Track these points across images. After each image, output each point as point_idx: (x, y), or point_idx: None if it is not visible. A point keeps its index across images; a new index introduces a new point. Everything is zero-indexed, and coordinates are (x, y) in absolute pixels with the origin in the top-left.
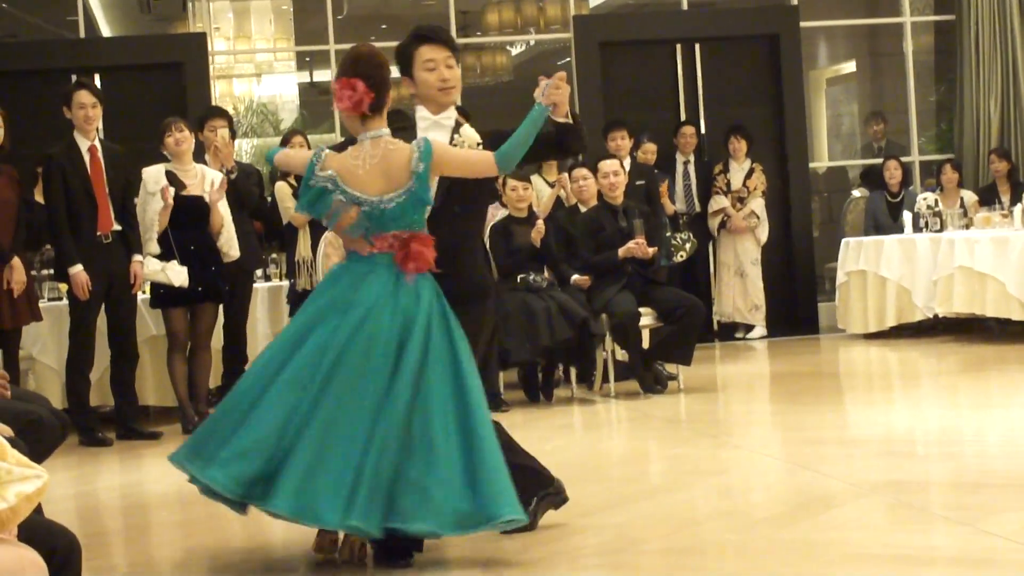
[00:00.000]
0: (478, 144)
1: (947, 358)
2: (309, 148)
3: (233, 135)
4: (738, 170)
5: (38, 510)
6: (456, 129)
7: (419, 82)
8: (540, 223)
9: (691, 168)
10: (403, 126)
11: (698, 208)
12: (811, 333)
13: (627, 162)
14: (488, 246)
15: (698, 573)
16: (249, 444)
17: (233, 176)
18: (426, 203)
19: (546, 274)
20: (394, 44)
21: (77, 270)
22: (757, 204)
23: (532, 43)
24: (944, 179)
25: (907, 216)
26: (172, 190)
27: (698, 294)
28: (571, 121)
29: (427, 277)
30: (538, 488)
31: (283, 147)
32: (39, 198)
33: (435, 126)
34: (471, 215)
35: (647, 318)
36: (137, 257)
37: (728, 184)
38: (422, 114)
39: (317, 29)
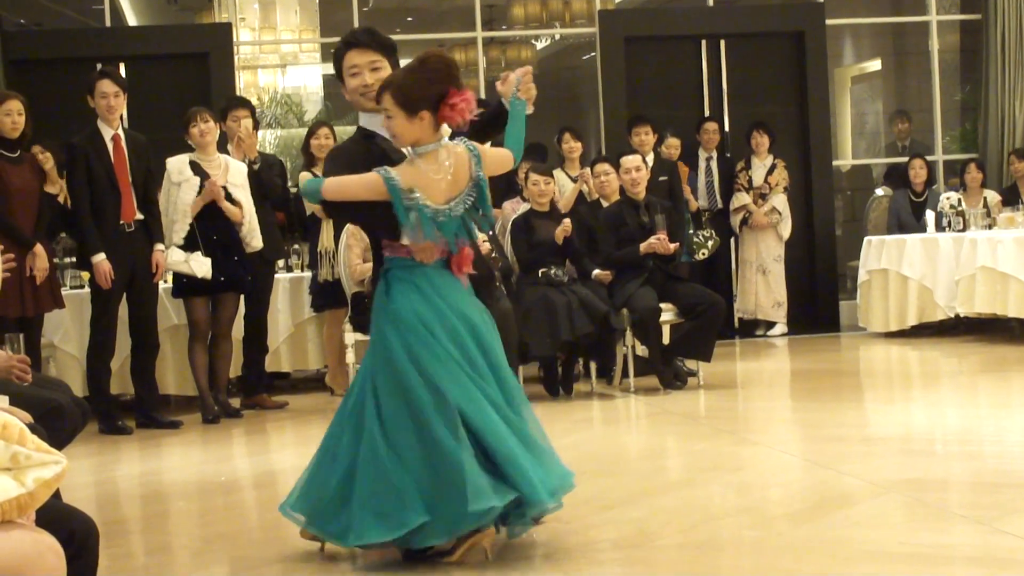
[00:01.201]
0: None
1: (968, 358)
2: (335, 140)
3: (256, 125)
4: (760, 166)
5: (56, 495)
6: None
7: (347, 88)
8: (567, 222)
9: (714, 164)
10: None
11: (720, 204)
12: (832, 331)
13: (650, 158)
14: (510, 240)
15: (715, 569)
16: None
17: (256, 167)
18: (483, 209)
19: (567, 268)
20: (418, 37)
21: (100, 259)
22: (779, 200)
23: (557, 37)
24: (968, 178)
25: (930, 215)
26: (222, 190)
27: (719, 290)
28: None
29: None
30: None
31: (309, 140)
32: (51, 190)
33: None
34: None
35: (668, 314)
36: (159, 246)
37: (750, 181)
38: (364, 121)
39: (343, 21)
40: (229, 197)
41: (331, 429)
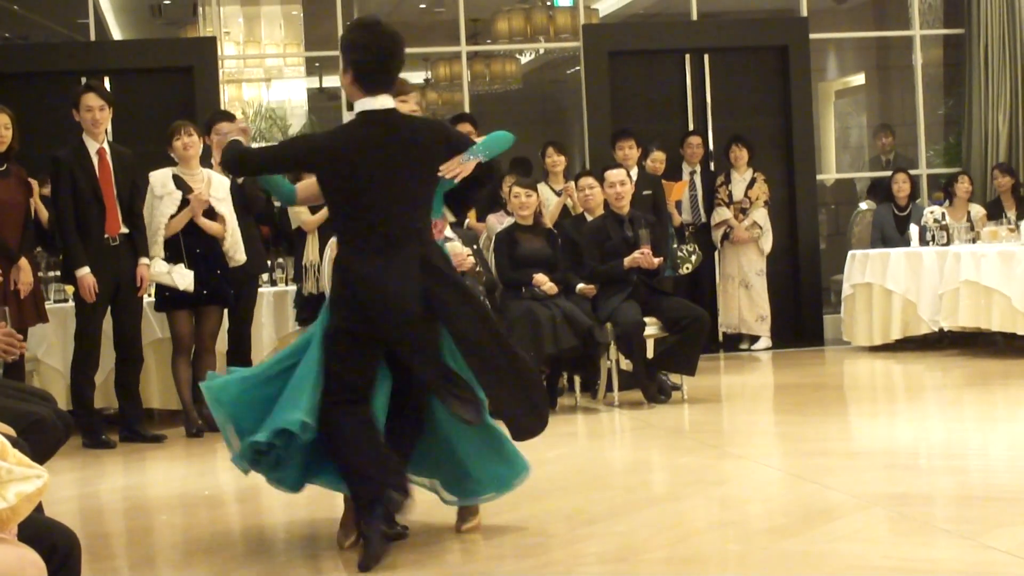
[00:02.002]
0: None
1: (952, 372)
2: None
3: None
4: (739, 180)
5: (39, 509)
6: None
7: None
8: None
9: (697, 178)
10: None
11: (704, 219)
12: (816, 345)
13: (634, 172)
14: (493, 254)
15: None
16: None
17: (240, 180)
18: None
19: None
20: (405, 50)
21: (84, 272)
22: (760, 214)
23: (542, 51)
24: (960, 189)
25: (914, 229)
26: (207, 201)
27: (703, 304)
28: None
29: None
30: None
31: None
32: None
33: None
34: None
35: (652, 328)
36: (144, 260)
37: (730, 195)
38: (365, 104)
39: (327, 35)
40: (211, 211)
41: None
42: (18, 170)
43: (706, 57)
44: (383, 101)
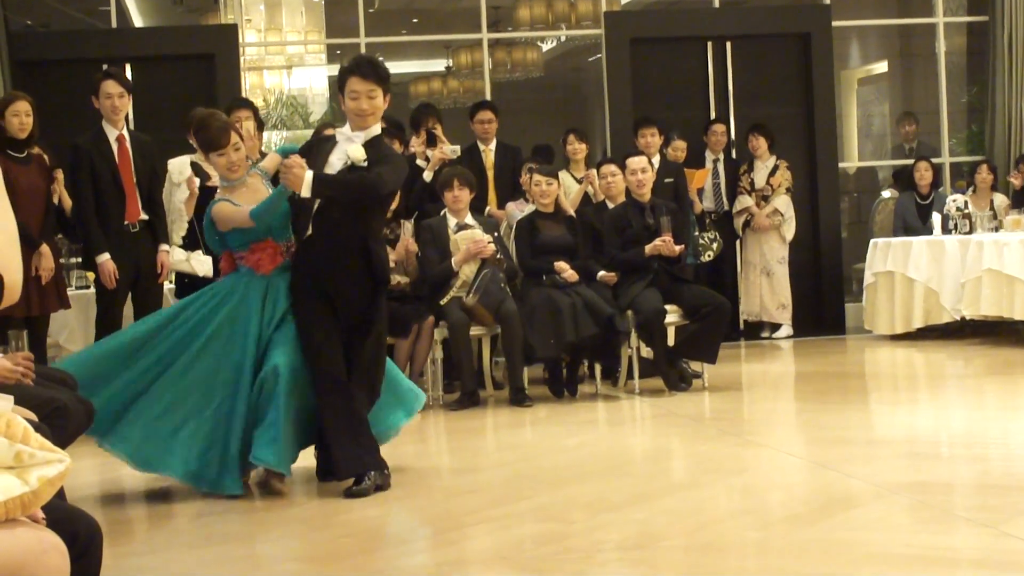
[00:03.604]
0: (362, 160)
1: (974, 361)
2: None
3: (261, 126)
4: (762, 168)
5: (60, 495)
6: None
7: (344, 105)
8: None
9: (720, 167)
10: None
11: (727, 206)
12: (837, 333)
13: (656, 159)
14: (514, 242)
15: (718, 571)
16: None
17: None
18: None
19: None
20: (424, 38)
21: (105, 259)
22: (781, 202)
23: (563, 39)
24: (979, 179)
25: (936, 218)
26: (197, 180)
27: (725, 292)
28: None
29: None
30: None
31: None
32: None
33: (347, 140)
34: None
35: (673, 315)
36: (163, 246)
37: (752, 183)
38: (342, 129)
39: (348, 22)
40: None
41: None
42: (39, 157)
43: (728, 45)
44: None
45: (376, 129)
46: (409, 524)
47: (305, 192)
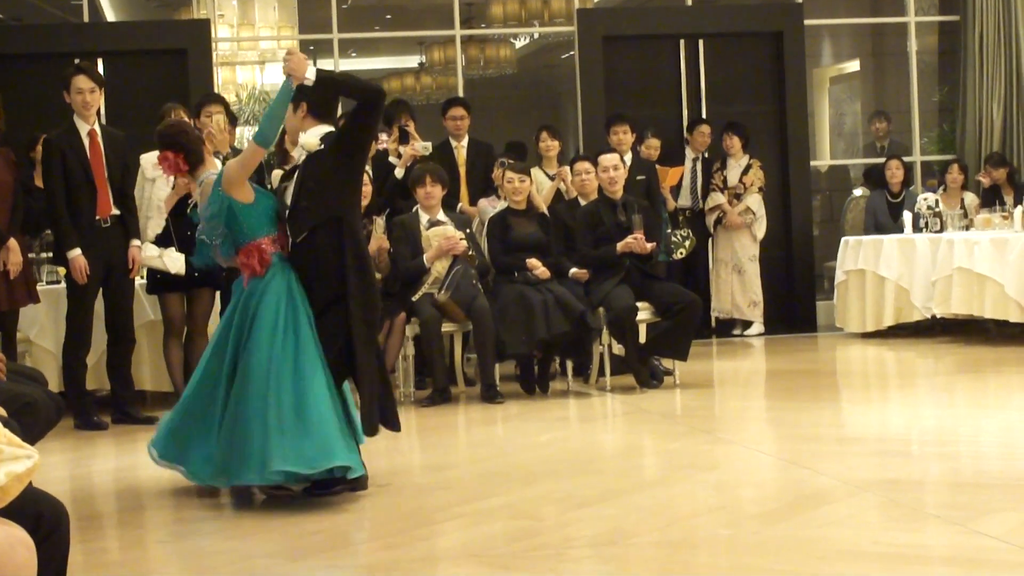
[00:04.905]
0: (317, 146)
1: (944, 359)
2: None
3: (234, 121)
4: (735, 166)
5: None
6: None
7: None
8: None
9: (699, 165)
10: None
11: (702, 205)
12: (809, 331)
13: (628, 157)
14: (486, 238)
15: (689, 567)
16: None
17: None
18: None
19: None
20: (397, 34)
21: (76, 254)
22: (753, 200)
23: (536, 36)
24: (949, 179)
25: (907, 216)
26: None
27: (696, 290)
28: (322, 76)
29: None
30: None
31: (283, 137)
32: (39, 183)
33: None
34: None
35: (644, 313)
36: (135, 242)
37: (724, 181)
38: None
39: (321, 18)
40: None
41: None
42: (6, 152)
43: (701, 43)
44: None
45: (328, 127)
46: (379, 521)
47: (310, 75)
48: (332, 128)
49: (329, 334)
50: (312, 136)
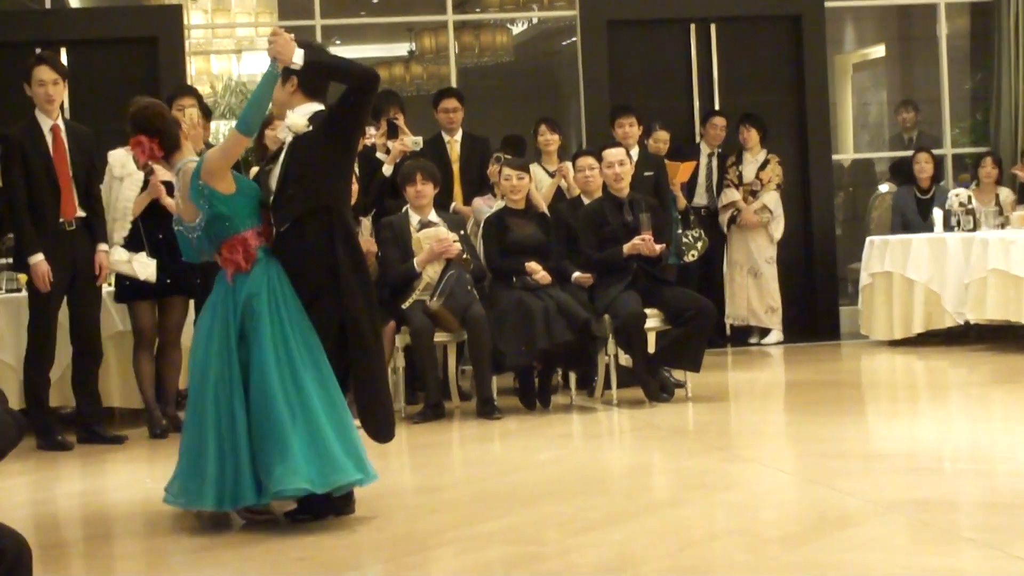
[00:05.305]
0: (304, 128)
1: (978, 368)
2: None
3: (209, 115)
4: (751, 161)
5: None
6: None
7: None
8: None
9: (715, 161)
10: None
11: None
12: (831, 339)
13: (635, 151)
14: (481, 240)
15: None
16: None
17: None
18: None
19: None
20: (385, 20)
21: (38, 260)
22: (770, 198)
23: (535, 21)
24: (982, 173)
25: (937, 214)
26: (162, 186)
27: (710, 295)
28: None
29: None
30: None
31: (263, 131)
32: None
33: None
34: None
35: (653, 320)
36: (102, 246)
37: (740, 176)
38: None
39: (302, 3)
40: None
41: None
42: None
43: (713, 27)
44: None
45: (318, 105)
46: (367, 547)
47: (297, 59)
48: (322, 107)
49: (320, 330)
50: (300, 116)
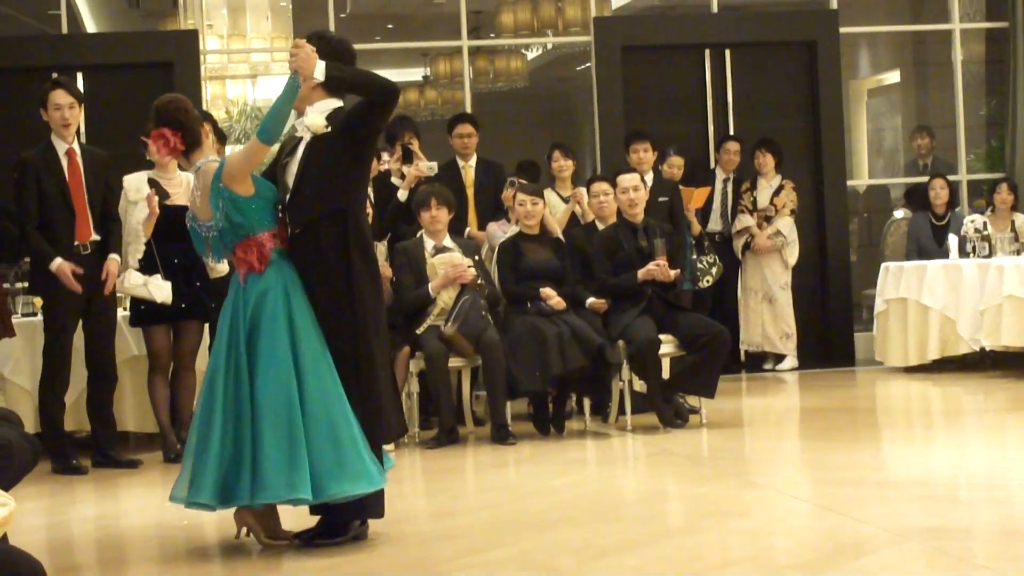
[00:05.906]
0: (323, 128)
1: (994, 395)
2: None
3: (223, 139)
4: (766, 187)
5: (3, 539)
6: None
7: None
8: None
9: (730, 186)
10: None
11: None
12: (846, 365)
13: (649, 177)
14: (496, 266)
15: None
16: None
17: None
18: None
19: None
20: (400, 45)
21: (58, 263)
22: (784, 223)
23: (549, 47)
24: (997, 199)
25: (953, 240)
26: (157, 198)
27: (724, 321)
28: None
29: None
30: None
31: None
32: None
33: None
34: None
35: (668, 346)
36: (114, 256)
37: (754, 202)
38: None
39: (317, 27)
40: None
41: None
42: None
43: (727, 53)
44: None
45: (337, 102)
46: (382, 572)
47: (318, 75)
48: (340, 103)
49: (333, 336)
50: (318, 114)
